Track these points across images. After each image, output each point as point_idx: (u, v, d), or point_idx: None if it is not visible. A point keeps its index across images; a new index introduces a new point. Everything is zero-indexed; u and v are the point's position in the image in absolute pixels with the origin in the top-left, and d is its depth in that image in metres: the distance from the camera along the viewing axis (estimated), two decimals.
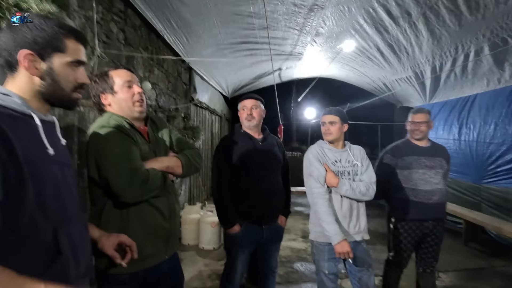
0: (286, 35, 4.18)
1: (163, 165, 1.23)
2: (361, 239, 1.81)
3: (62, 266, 0.78)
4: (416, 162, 2.08)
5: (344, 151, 1.86)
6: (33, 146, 0.76)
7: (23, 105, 0.77)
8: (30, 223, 0.72)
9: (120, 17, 2.66)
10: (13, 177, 0.69)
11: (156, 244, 1.22)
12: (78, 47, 0.85)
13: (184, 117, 4.51)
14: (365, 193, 1.76)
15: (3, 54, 0.79)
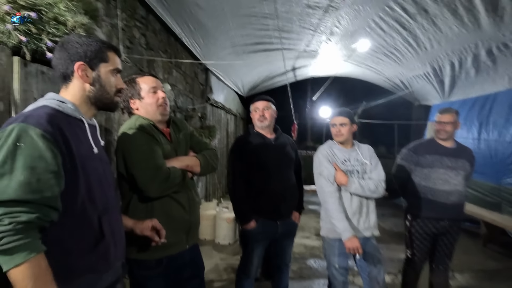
0: (301, 35, 4.23)
1: (183, 163, 1.35)
2: (370, 235, 1.86)
3: (105, 248, 0.92)
4: (438, 162, 2.07)
5: (353, 150, 1.92)
6: (83, 145, 0.90)
7: (75, 111, 0.93)
8: (82, 210, 0.87)
9: (142, 22, 2.81)
10: (70, 170, 0.83)
11: (178, 234, 1.33)
12: (116, 58, 1.02)
13: (200, 117, 4.65)
14: (374, 190, 1.81)
15: (58, 68, 0.94)
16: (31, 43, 1.36)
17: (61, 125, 0.84)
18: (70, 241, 0.84)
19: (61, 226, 0.82)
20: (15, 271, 0.72)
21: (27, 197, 0.74)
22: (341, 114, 1.90)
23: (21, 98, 1.43)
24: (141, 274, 1.28)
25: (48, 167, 0.77)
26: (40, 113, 0.83)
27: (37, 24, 1.34)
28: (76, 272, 0.85)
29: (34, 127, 0.78)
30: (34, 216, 0.74)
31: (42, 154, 0.77)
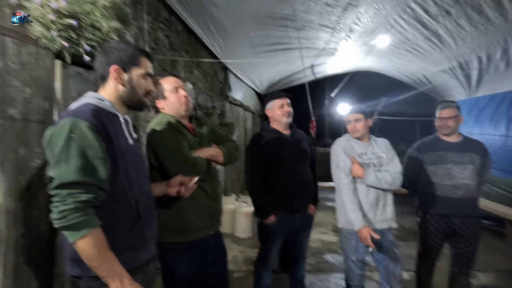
0: (319, 34, 4.23)
1: (207, 154, 1.47)
2: (388, 227, 1.89)
3: (141, 228, 1.04)
4: (442, 157, 2.07)
5: (369, 144, 1.97)
6: (120, 137, 1.03)
7: (111, 107, 1.06)
8: (122, 193, 1.00)
9: (166, 24, 2.95)
10: (111, 157, 0.97)
11: (203, 220, 1.45)
12: (148, 62, 1.14)
13: (220, 114, 4.78)
14: (391, 182, 1.85)
15: (99, 70, 1.09)
16: (71, 47, 1.51)
17: (102, 119, 0.97)
18: (113, 220, 0.96)
19: (106, 207, 0.95)
20: (80, 242, 0.86)
21: (83, 179, 0.87)
22: (354, 111, 1.96)
23: (61, 97, 1.59)
24: (171, 257, 1.40)
25: (96, 154, 0.91)
26: (86, 109, 0.97)
27: (76, 30, 1.48)
28: (118, 247, 0.96)
29: (83, 120, 0.91)
30: (91, 196, 0.88)
31: (91, 143, 0.90)
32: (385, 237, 1.86)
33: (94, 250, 0.87)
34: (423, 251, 2.21)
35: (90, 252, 0.87)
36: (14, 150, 1.31)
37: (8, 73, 1.29)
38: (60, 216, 0.85)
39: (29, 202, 1.38)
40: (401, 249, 3.58)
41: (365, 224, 1.77)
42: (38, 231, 1.43)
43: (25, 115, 1.37)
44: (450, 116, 2.07)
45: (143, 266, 1.07)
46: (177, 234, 1.40)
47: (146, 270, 1.09)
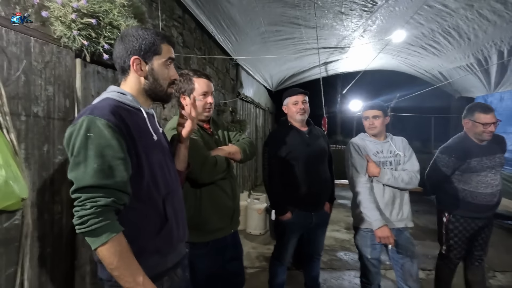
0: (333, 34, 4.18)
1: (225, 152, 1.48)
2: (404, 226, 1.86)
3: (168, 231, 0.97)
4: (479, 165, 1.96)
5: (386, 142, 1.92)
6: (144, 133, 0.95)
7: (134, 101, 0.97)
8: (147, 194, 0.92)
9: (179, 22, 2.97)
10: (134, 156, 0.89)
11: (223, 220, 1.46)
12: (169, 48, 1.03)
13: (231, 111, 4.80)
14: (408, 181, 1.81)
15: (118, 61, 0.99)
16: (90, 46, 1.54)
17: (122, 115, 0.88)
18: (138, 224, 0.90)
19: (130, 210, 0.88)
20: (102, 249, 0.80)
21: (102, 183, 0.81)
22: (374, 107, 1.90)
23: (82, 95, 1.62)
24: (191, 252, 1.42)
25: (115, 154, 0.83)
26: (104, 104, 0.88)
27: (96, 29, 1.51)
28: (144, 253, 0.90)
29: (100, 118, 0.83)
30: (111, 200, 0.81)
31: (109, 142, 0.82)
32: (401, 235, 1.84)
33: (115, 258, 0.81)
34: (447, 251, 2.12)
35: (110, 260, 0.81)
36: (38, 146, 1.36)
37: (32, 72, 1.33)
38: (80, 221, 0.80)
39: (52, 197, 1.42)
40: (417, 249, 3.53)
41: (384, 222, 1.74)
42: (61, 225, 1.47)
43: (48, 113, 1.41)
44: (495, 121, 1.92)
45: (170, 271, 1.00)
46: (199, 234, 1.41)
47: (174, 277, 1.01)
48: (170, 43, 1.03)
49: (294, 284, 2.56)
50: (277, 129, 2.13)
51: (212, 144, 1.49)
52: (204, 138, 1.47)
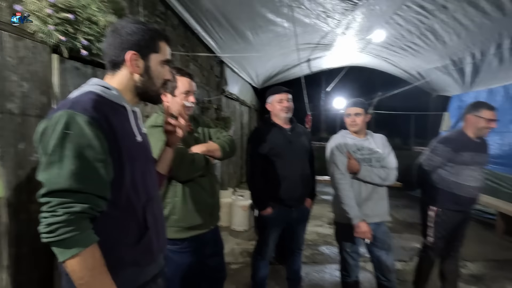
0: (316, 31, 4.25)
1: (204, 149, 1.48)
2: (381, 220, 1.93)
3: (148, 241, 0.89)
4: (472, 159, 2.05)
5: (366, 139, 1.98)
6: (127, 133, 0.87)
7: (119, 97, 0.89)
8: (127, 201, 0.84)
9: (162, 18, 2.93)
10: (116, 159, 0.80)
11: (202, 216, 1.47)
12: (167, 47, 0.96)
13: (216, 108, 4.78)
14: (386, 178, 1.88)
15: (109, 54, 0.90)
16: (68, 42, 1.50)
17: (106, 112, 0.80)
18: (116, 233, 0.82)
19: (107, 217, 0.80)
20: (71, 262, 0.71)
21: (78, 187, 0.72)
22: (355, 105, 1.96)
23: (59, 92, 1.59)
24: (169, 248, 1.43)
25: (96, 155, 0.75)
26: (86, 99, 0.80)
27: (73, 25, 1.48)
28: (120, 265, 0.82)
29: (82, 114, 0.75)
30: (87, 206, 0.73)
31: (91, 142, 0.74)
32: (379, 229, 1.92)
33: (86, 272, 0.72)
34: (434, 244, 2.19)
35: (80, 275, 0.72)
36: (13, 144, 1.33)
37: (6, 67, 1.29)
38: (48, 229, 0.70)
39: (28, 196, 1.40)
40: (394, 241, 3.68)
41: (362, 218, 1.81)
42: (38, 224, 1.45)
43: (24, 110, 1.38)
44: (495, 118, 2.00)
45: (149, 283, 0.92)
46: (177, 231, 1.42)
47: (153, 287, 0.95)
48: (168, 42, 0.97)
49: (277, 278, 2.61)
50: (260, 126, 2.16)
51: (191, 141, 1.50)
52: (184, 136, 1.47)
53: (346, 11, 3.35)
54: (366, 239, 1.82)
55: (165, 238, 1.02)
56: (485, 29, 3.51)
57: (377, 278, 2.00)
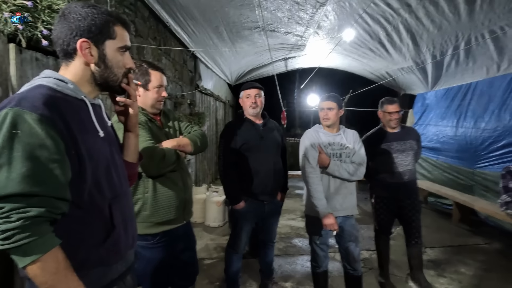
0: (289, 29, 4.31)
1: (175, 144, 1.47)
2: (349, 214, 2.01)
3: (115, 239, 0.86)
4: (389, 148, 2.35)
5: (338, 135, 2.02)
6: (87, 129, 0.82)
7: (76, 90, 0.82)
8: (90, 200, 0.80)
9: (131, 9, 2.83)
10: (74, 157, 0.75)
11: (174, 211, 1.47)
12: (125, 33, 0.89)
13: (190, 104, 4.72)
14: (353, 173, 1.95)
15: (59, 43, 0.82)
16: (26, 30, 1.42)
17: (60, 107, 0.74)
18: (79, 233, 0.78)
19: (69, 218, 0.76)
20: (32, 267, 0.68)
21: (32, 190, 0.67)
22: (329, 99, 1.99)
23: (17, 84, 1.50)
24: (140, 244, 1.42)
25: (51, 155, 0.70)
26: (35, 94, 0.73)
27: (32, 12, 1.40)
28: (86, 265, 0.80)
29: (30, 112, 0.69)
30: (44, 210, 0.69)
31: (43, 142, 0.69)
32: (346, 222, 2.00)
33: (50, 276, 0.69)
34: (378, 227, 2.52)
35: (44, 279, 0.69)
36: None
37: None
38: (3, 236, 0.66)
39: None
40: (363, 232, 3.87)
41: (330, 211, 1.87)
42: None
43: None
44: (398, 111, 2.34)
45: (117, 281, 0.89)
46: (148, 227, 1.41)
47: (122, 286, 0.91)
48: (125, 25, 0.89)
49: (250, 271, 2.66)
50: (233, 122, 2.18)
51: (162, 136, 1.48)
52: (153, 130, 1.46)
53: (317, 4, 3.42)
54: (334, 231, 1.89)
55: (135, 234, 0.98)
56: (443, 30, 3.77)
57: (344, 267, 2.10)
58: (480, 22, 3.44)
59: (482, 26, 3.49)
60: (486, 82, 4.34)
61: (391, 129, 2.40)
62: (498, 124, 4.04)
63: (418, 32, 3.96)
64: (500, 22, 3.28)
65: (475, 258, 3.08)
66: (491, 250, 3.30)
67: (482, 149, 4.28)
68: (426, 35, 3.98)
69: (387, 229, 2.48)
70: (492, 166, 4.09)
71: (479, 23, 3.45)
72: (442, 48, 4.25)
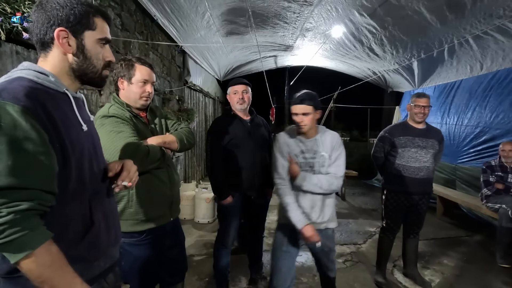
0: (277, 29, 4.33)
1: (160, 141, 1.45)
2: (325, 228, 1.74)
3: (95, 236, 0.84)
4: (410, 142, 2.28)
5: (313, 140, 1.70)
6: (70, 122, 0.80)
7: (57, 83, 0.80)
8: (72, 194, 0.79)
9: (117, 2, 2.76)
10: (59, 152, 0.74)
11: (161, 209, 1.46)
12: (105, 25, 0.87)
13: (178, 100, 4.66)
14: (327, 188, 1.64)
15: (36, 33, 0.80)
16: (6, 22, 1.37)
17: (42, 100, 0.72)
18: (57, 228, 0.76)
19: (49, 212, 0.74)
20: (25, 262, 0.67)
21: (20, 183, 0.67)
22: (303, 102, 1.64)
23: None
24: (126, 241, 1.40)
25: (36, 147, 0.69)
26: (16, 86, 0.71)
27: (11, 4, 1.35)
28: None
29: (12, 104, 0.67)
30: (34, 203, 0.68)
31: (27, 134, 0.68)
32: (322, 234, 1.69)
33: (44, 270, 0.69)
34: (386, 224, 2.44)
35: (38, 273, 0.68)
36: None
37: None
38: None
39: None
40: (350, 226, 3.94)
41: (307, 221, 1.62)
42: None
43: None
44: (427, 105, 2.27)
45: (98, 278, 0.88)
46: (134, 224, 1.39)
47: (103, 283, 0.90)
48: (105, 18, 0.87)
49: (239, 267, 2.67)
50: (221, 118, 2.17)
51: (148, 133, 1.46)
52: (138, 126, 1.43)
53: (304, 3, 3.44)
54: (317, 244, 1.61)
55: (118, 231, 0.97)
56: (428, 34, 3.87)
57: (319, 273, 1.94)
58: (462, 28, 3.54)
59: (464, 32, 3.59)
60: (470, 81, 4.47)
61: (416, 124, 2.33)
62: (480, 121, 4.18)
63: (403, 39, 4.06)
64: (481, 27, 3.39)
65: (457, 250, 3.19)
66: (472, 242, 3.43)
67: (464, 145, 4.42)
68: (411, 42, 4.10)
69: (395, 227, 2.42)
70: (473, 161, 4.24)
71: (461, 28, 3.55)
72: (427, 49, 4.36)
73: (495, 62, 3.96)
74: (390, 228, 2.43)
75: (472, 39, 3.69)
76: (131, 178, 0.96)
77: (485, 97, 4.13)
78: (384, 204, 2.43)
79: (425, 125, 2.37)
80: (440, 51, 4.27)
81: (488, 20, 3.23)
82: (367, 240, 3.47)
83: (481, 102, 4.22)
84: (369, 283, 2.53)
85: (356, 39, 4.17)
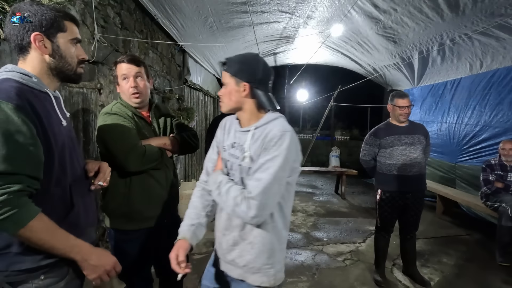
0: (279, 18, 4.30)
1: (160, 142, 1.45)
2: (239, 278, 1.10)
3: (75, 217, 0.96)
4: (397, 140, 2.32)
5: (246, 131, 1.09)
6: (52, 118, 0.91)
7: (40, 84, 0.91)
8: (56, 181, 0.90)
9: (116, 1, 2.76)
10: (44, 144, 0.85)
11: (155, 210, 1.45)
12: (74, 27, 0.98)
13: (178, 99, 4.66)
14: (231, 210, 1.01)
15: (13, 39, 0.90)
16: (5, 21, 1.36)
17: (29, 98, 0.83)
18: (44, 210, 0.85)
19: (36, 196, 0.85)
20: (23, 232, 0.78)
21: (13, 169, 0.78)
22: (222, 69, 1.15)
23: None
24: (120, 238, 1.42)
25: (26, 140, 0.80)
26: (7, 86, 0.82)
27: (11, 3, 1.34)
28: None
29: (6, 102, 0.78)
30: (25, 185, 0.80)
31: (19, 128, 0.78)
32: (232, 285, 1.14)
33: (42, 234, 0.82)
34: (381, 224, 2.46)
35: (37, 239, 0.81)
36: None
37: None
38: None
39: None
40: (350, 225, 3.95)
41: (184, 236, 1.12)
42: None
43: None
44: (409, 105, 2.32)
45: None
46: (129, 222, 1.40)
47: None
48: (73, 20, 0.98)
49: None
50: (220, 115, 2.17)
51: (150, 133, 1.46)
52: (139, 126, 1.43)
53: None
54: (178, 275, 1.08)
55: (94, 214, 1.09)
56: (428, 30, 3.86)
57: None
58: (463, 25, 3.53)
59: (465, 28, 3.58)
60: (471, 79, 4.47)
61: (399, 123, 2.37)
62: (480, 120, 4.17)
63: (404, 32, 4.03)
64: (483, 24, 3.38)
65: (457, 248, 3.20)
66: (471, 241, 3.44)
67: (463, 144, 4.42)
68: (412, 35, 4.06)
69: (389, 227, 2.44)
70: (472, 160, 4.24)
71: (462, 25, 3.54)
72: (428, 45, 4.35)
73: (495, 60, 3.95)
74: (384, 227, 2.45)
75: (473, 35, 3.68)
76: (106, 178, 1.10)
77: (485, 96, 4.13)
78: (378, 204, 2.45)
79: (408, 122, 2.41)
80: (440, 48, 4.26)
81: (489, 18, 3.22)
82: (366, 238, 3.47)
83: (481, 101, 4.21)
84: (369, 282, 2.54)
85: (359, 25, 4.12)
